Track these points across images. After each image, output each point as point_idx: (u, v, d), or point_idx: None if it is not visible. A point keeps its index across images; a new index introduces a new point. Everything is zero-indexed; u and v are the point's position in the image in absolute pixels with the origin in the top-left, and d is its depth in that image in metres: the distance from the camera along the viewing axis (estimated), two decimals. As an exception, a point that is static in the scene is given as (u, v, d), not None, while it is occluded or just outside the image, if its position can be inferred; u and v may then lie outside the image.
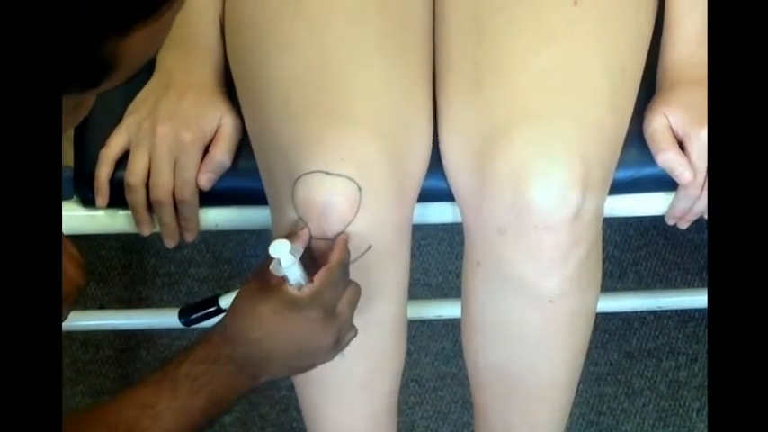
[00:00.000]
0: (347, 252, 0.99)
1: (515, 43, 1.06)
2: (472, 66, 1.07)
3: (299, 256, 0.96)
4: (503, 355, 1.13)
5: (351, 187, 0.98)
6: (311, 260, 0.99)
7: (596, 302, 1.12)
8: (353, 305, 1.00)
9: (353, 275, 1.00)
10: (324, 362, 1.01)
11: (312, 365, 1.01)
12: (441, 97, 1.09)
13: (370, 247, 1.01)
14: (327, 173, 0.96)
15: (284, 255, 0.94)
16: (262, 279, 0.97)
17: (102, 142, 1.11)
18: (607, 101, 1.05)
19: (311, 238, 1.00)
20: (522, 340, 1.11)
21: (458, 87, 1.07)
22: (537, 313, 1.07)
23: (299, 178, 0.99)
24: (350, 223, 0.99)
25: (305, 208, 0.99)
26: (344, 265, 0.98)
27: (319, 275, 0.96)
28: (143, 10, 0.63)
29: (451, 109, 1.08)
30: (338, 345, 0.99)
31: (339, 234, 0.99)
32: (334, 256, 0.97)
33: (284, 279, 0.96)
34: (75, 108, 0.70)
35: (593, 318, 1.13)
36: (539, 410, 1.18)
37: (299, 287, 0.96)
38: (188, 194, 1.10)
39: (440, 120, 1.09)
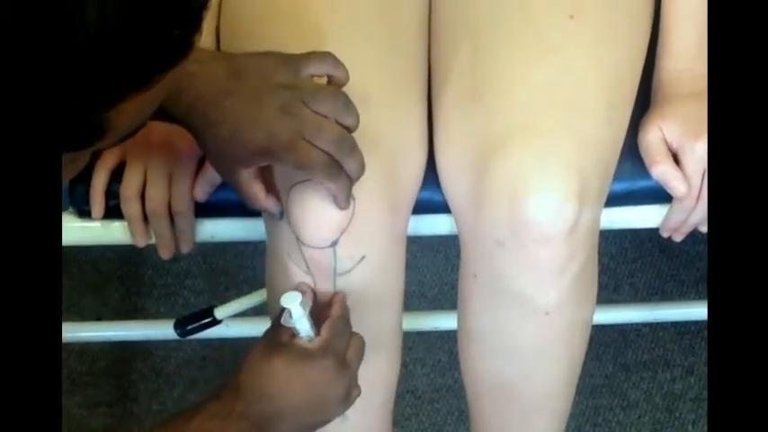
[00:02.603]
0: (346, 306, 1.01)
1: (512, 57, 1.06)
2: (469, 79, 1.07)
3: (308, 310, 0.97)
4: (499, 366, 1.13)
5: None
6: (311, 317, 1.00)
7: (592, 314, 1.12)
8: (360, 356, 1.01)
9: (349, 287, 1.01)
10: (331, 419, 1.00)
11: (321, 423, 1.00)
12: (437, 110, 1.10)
13: (363, 257, 1.01)
14: (321, 181, 0.96)
15: (295, 306, 0.96)
16: (272, 337, 0.98)
17: (98, 154, 1.11)
18: (603, 114, 1.05)
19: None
20: (518, 352, 1.11)
21: (454, 100, 1.08)
22: (533, 325, 1.07)
23: (293, 187, 0.99)
24: (344, 232, 0.99)
25: (299, 216, 0.99)
26: (346, 318, 1.00)
27: (325, 327, 0.97)
28: (136, 83, 0.63)
29: (448, 122, 1.08)
30: (348, 398, 0.99)
31: (335, 241, 0.99)
32: (335, 311, 0.99)
33: (294, 333, 0.97)
34: (71, 162, 0.70)
35: (590, 329, 1.14)
36: (535, 421, 1.18)
37: (309, 340, 0.97)
38: (183, 206, 1.09)
39: (436, 132, 1.09)
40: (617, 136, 1.07)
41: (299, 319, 0.96)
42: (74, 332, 1.55)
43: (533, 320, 1.06)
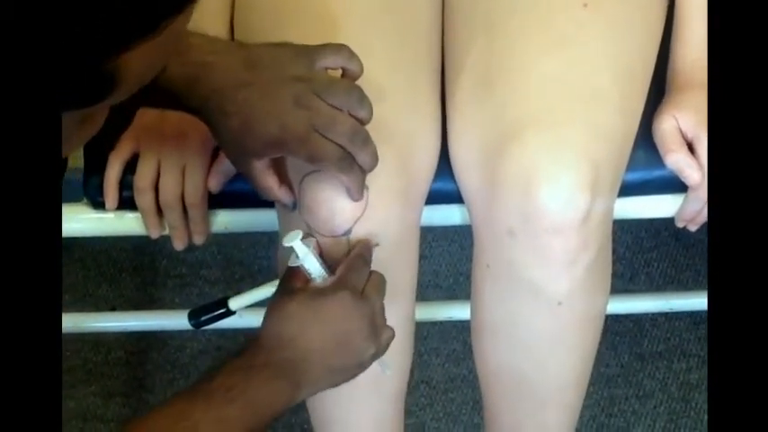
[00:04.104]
0: (368, 249, 1.00)
1: (526, 47, 1.06)
2: (483, 69, 1.07)
3: (312, 246, 0.97)
4: (512, 357, 1.13)
5: None
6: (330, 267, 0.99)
7: (605, 304, 1.12)
8: (379, 290, 0.98)
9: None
10: (365, 362, 0.98)
11: (355, 366, 0.97)
12: (450, 101, 1.09)
13: (377, 244, 1.01)
14: (334, 174, 0.96)
15: (297, 243, 0.95)
16: (286, 287, 0.97)
17: (112, 145, 1.12)
18: (616, 104, 1.05)
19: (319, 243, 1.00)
20: (531, 342, 1.11)
21: (468, 90, 1.08)
22: (546, 316, 1.07)
23: (305, 177, 0.99)
24: (357, 220, 0.99)
25: (312, 206, 0.99)
26: (364, 257, 0.99)
27: (340, 266, 0.97)
28: (142, 28, 0.62)
29: (461, 111, 1.08)
30: (376, 336, 0.97)
31: (348, 230, 1.00)
32: (355, 250, 0.98)
33: (307, 276, 0.96)
34: (84, 123, 0.69)
35: (603, 320, 1.13)
36: (548, 412, 1.18)
37: (323, 280, 0.96)
38: (196, 198, 1.10)
39: (449, 122, 1.09)
40: (630, 125, 1.07)
41: (306, 257, 0.96)
42: (89, 322, 1.56)
43: (546, 311, 1.06)
